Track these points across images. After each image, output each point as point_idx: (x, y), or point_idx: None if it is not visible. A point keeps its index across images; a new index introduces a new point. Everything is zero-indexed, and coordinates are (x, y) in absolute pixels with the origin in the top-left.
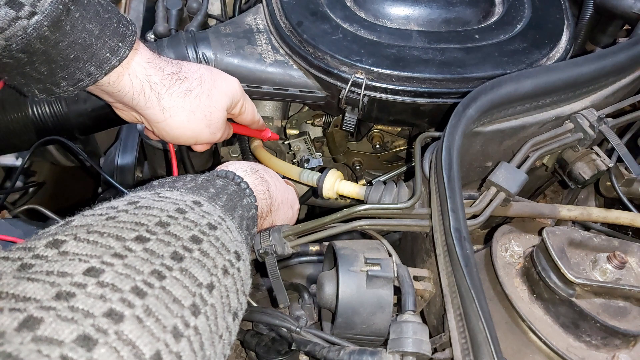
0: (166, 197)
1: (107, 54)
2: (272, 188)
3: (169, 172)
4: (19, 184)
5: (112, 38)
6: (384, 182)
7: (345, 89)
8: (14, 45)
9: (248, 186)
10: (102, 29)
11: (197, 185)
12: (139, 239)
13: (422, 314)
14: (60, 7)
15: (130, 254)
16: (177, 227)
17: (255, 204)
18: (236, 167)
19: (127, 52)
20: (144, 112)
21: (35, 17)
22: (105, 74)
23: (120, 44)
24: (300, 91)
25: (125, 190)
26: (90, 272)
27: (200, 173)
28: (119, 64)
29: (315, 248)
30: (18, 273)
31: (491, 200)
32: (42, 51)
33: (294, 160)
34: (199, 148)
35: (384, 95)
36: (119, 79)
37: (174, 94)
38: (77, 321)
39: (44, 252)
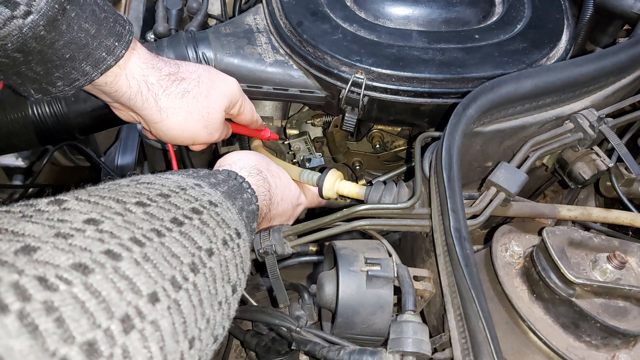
0: (167, 177)
1: (103, 54)
2: (273, 188)
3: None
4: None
5: (108, 37)
6: (384, 182)
7: (345, 89)
8: (9, 45)
9: (250, 186)
10: (98, 29)
11: (198, 176)
12: (140, 204)
13: (422, 314)
14: (56, 6)
15: (130, 214)
16: (177, 199)
17: (257, 203)
18: (240, 166)
19: (123, 51)
20: (141, 113)
21: (31, 17)
22: (102, 74)
23: (116, 44)
24: (300, 91)
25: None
26: (90, 221)
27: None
28: (115, 64)
29: (315, 248)
30: (19, 218)
31: (491, 200)
32: (38, 51)
33: (295, 160)
34: (197, 148)
35: (384, 95)
36: (116, 79)
37: (171, 94)
38: (74, 253)
39: (46, 207)
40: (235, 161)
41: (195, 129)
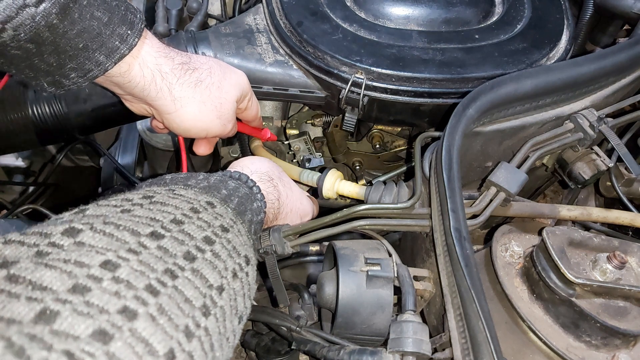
0: (180, 195)
1: (117, 42)
2: (283, 197)
3: (171, 172)
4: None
5: (120, 26)
6: (384, 182)
7: (345, 89)
8: (22, 35)
9: (260, 191)
10: (110, 17)
11: (209, 185)
12: (154, 235)
13: (422, 314)
14: None
15: (145, 250)
16: (191, 226)
17: (264, 209)
18: (251, 170)
19: (136, 40)
20: (154, 103)
21: (43, 5)
22: (115, 63)
23: (129, 32)
24: (300, 91)
25: (137, 181)
26: (106, 265)
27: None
28: (129, 53)
29: (315, 248)
30: (35, 259)
31: (491, 200)
32: (51, 41)
33: (295, 160)
34: (204, 148)
35: (384, 95)
36: (130, 68)
37: (184, 84)
38: (93, 317)
39: (60, 240)
40: (247, 165)
41: (208, 119)
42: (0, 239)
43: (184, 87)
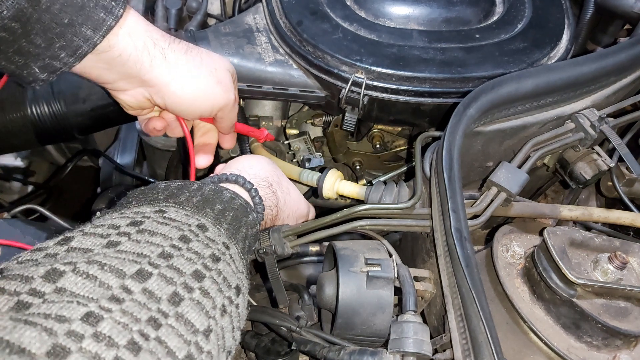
0: (171, 220)
1: (102, 14)
2: (281, 204)
3: (170, 171)
4: (18, 184)
5: None
6: (384, 182)
7: (346, 89)
8: (5, 12)
9: (258, 194)
10: None
11: (203, 200)
12: (140, 275)
13: (422, 315)
14: None
15: (129, 296)
16: (180, 260)
17: (261, 220)
18: (250, 173)
19: (121, 11)
20: (150, 76)
21: None
22: (104, 37)
23: (113, 3)
24: (300, 91)
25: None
26: (88, 318)
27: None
28: (116, 24)
29: (315, 248)
30: (15, 314)
31: (492, 201)
32: (36, 18)
33: (295, 160)
34: (205, 158)
35: (384, 95)
36: (120, 40)
37: (176, 50)
38: None
39: (42, 286)
40: (246, 167)
41: (209, 85)
42: None
43: (177, 53)
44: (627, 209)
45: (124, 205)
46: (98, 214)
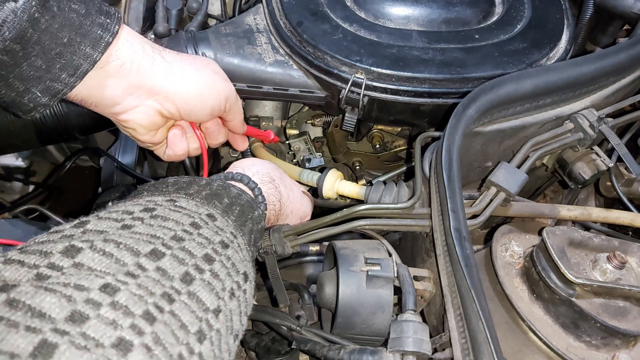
0: (181, 208)
1: (99, 32)
2: (284, 199)
3: (171, 172)
4: (19, 184)
5: (99, 16)
6: (384, 182)
7: (345, 89)
8: (7, 34)
9: (261, 192)
10: (87, 9)
11: (211, 193)
12: (154, 254)
13: (422, 314)
14: None
15: (143, 273)
16: (191, 244)
17: (265, 217)
18: (253, 171)
19: (117, 27)
20: (155, 80)
21: None
22: (102, 53)
23: (108, 20)
24: (300, 91)
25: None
26: (106, 288)
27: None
28: (113, 40)
29: (315, 248)
30: (35, 282)
31: (491, 200)
32: (35, 39)
33: (295, 160)
34: (226, 136)
35: (384, 95)
36: (119, 49)
37: (169, 52)
38: (90, 350)
39: (60, 261)
40: (248, 166)
41: (210, 77)
42: (0, 258)
43: (171, 54)
44: (626, 208)
45: (136, 196)
46: (110, 203)
